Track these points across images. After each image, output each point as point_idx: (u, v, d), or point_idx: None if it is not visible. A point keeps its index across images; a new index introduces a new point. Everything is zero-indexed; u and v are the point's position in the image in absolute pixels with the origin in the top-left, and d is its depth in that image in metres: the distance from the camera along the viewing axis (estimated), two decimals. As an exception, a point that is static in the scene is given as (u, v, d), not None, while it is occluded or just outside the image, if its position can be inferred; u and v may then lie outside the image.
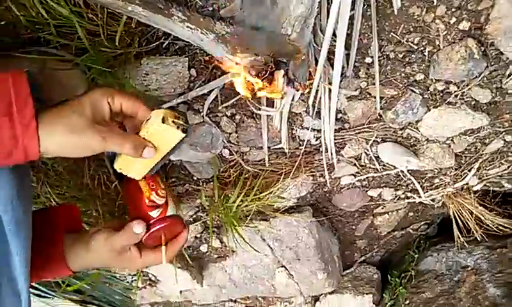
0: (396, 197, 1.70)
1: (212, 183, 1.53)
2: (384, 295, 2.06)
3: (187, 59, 1.22)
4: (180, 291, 1.99)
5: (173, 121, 0.78)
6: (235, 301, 2.11)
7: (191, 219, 1.68)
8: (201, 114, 1.34)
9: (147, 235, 0.85)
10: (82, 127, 0.69)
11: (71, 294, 1.85)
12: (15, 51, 1.12)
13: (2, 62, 1.10)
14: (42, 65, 1.12)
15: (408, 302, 1.97)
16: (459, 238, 1.85)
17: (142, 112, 0.79)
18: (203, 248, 1.81)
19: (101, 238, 0.86)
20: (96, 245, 0.86)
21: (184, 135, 0.79)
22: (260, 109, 1.31)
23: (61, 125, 0.67)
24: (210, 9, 1.13)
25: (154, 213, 0.85)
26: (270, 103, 1.31)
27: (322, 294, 2.05)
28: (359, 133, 1.41)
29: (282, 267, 1.85)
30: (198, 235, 1.76)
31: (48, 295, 1.78)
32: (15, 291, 0.73)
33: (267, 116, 1.35)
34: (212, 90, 1.27)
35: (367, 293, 2.02)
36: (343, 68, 1.20)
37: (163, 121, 0.76)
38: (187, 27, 1.08)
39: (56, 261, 0.88)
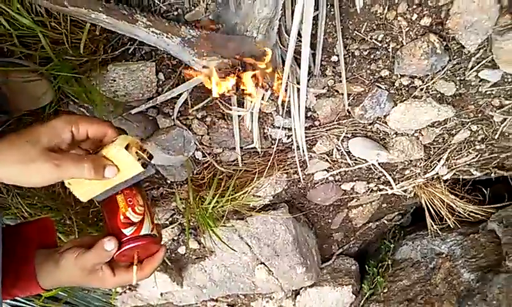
0: (369, 189, 1.72)
1: (186, 185, 1.53)
2: (363, 285, 2.09)
3: (154, 63, 1.21)
4: (161, 294, 1.99)
5: (137, 153, 0.74)
6: (216, 300, 2.11)
7: (167, 222, 1.68)
8: (172, 118, 1.33)
9: (118, 253, 0.80)
10: (33, 156, 0.66)
11: (49, 302, 1.83)
12: (-23, 63, 1.10)
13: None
14: (6, 76, 1.10)
15: (386, 290, 2.01)
16: (432, 226, 1.89)
17: (110, 134, 0.76)
18: (181, 250, 1.81)
19: (71, 256, 0.82)
20: (67, 264, 0.83)
21: (142, 169, 0.75)
22: (231, 110, 1.31)
23: (12, 155, 0.66)
24: (175, 13, 1.13)
25: (127, 231, 0.80)
26: (240, 104, 1.31)
27: (302, 288, 2.07)
28: (329, 129, 1.43)
29: (261, 263, 1.86)
30: (176, 237, 1.76)
31: (25, 304, 1.76)
32: None
33: (239, 116, 1.36)
34: (182, 93, 1.27)
35: (346, 285, 2.05)
36: (310, 67, 1.21)
37: (127, 147, 0.73)
38: (152, 32, 1.08)
39: (26, 279, 0.85)
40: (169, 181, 1.54)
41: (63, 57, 1.12)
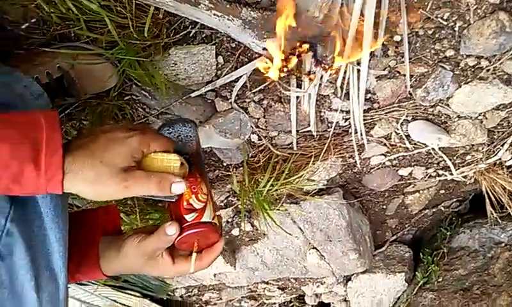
0: (427, 175, 1.68)
1: (242, 168, 1.55)
2: (416, 273, 2.05)
3: (214, 46, 1.23)
4: (214, 275, 2.03)
5: (183, 174, 0.76)
6: (267, 283, 2.14)
7: (222, 204, 1.71)
8: (229, 101, 1.35)
9: (179, 238, 0.80)
10: (106, 180, 0.66)
11: (107, 280, 1.91)
12: (46, 47, 1.15)
13: (34, 58, 1.13)
14: (73, 60, 1.14)
15: (440, 279, 1.97)
16: (492, 214, 1.83)
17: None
18: (235, 232, 1.84)
19: (133, 241, 0.84)
20: (128, 249, 0.84)
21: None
22: (289, 91, 1.31)
23: (83, 174, 0.65)
24: (236, -5, 1.14)
25: (189, 217, 0.81)
26: (298, 86, 1.31)
27: (354, 274, 2.06)
28: (389, 112, 1.40)
29: (313, 248, 1.86)
30: (230, 219, 1.79)
31: (85, 282, 1.84)
32: (52, 277, 0.74)
33: (297, 98, 1.35)
34: (240, 77, 1.28)
35: (399, 272, 2.02)
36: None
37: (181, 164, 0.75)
38: (214, 14, 1.09)
39: (90, 264, 0.88)
40: (225, 164, 1.56)
41: (128, 41, 1.15)
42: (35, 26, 1.14)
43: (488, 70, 1.24)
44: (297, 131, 1.45)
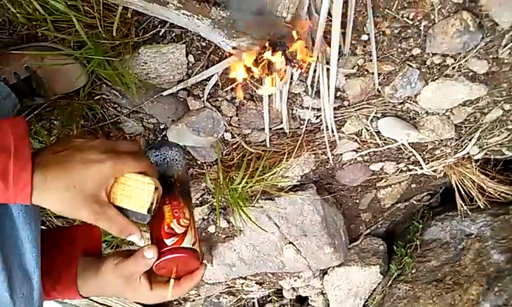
0: (398, 170, 1.72)
1: (216, 166, 1.55)
2: (390, 265, 2.09)
3: (184, 45, 1.23)
4: (191, 272, 2.03)
5: (155, 199, 0.74)
6: (245, 278, 2.15)
7: (198, 202, 1.71)
8: (202, 100, 1.35)
9: (158, 263, 0.78)
10: (77, 204, 0.66)
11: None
12: (13, 48, 1.14)
13: (0, 59, 1.12)
14: (41, 60, 1.13)
15: (414, 270, 2.00)
16: (462, 206, 1.87)
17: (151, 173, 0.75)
18: (211, 229, 1.84)
19: (111, 263, 0.82)
20: (106, 271, 0.83)
21: (145, 213, 0.73)
22: (261, 89, 1.32)
23: (55, 196, 0.65)
24: (205, -5, 1.14)
25: (169, 242, 0.79)
26: (269, 84, 1.32)
27: (330, 267, 2.09)
28: (359, 109, 1.42)
29: (289, 243, 1.88)
30: (206, 217, 1.80)
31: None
32: (26, 278, 0.73)
33: (269, 96, 1.36)
34: (212, 76, 1.28)
35: (373, 265, 2.06)
36: (340, 46, 1.20)
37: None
38: (183, 14, 1.08)
39: (67, 283, 0.86)
40: (199, 162, 1.57)
41: (96, 41, 1.14)
42: (1, 27, 1.13)
43: (453, 68, 1.27)
44: (270, 129, 1.47)
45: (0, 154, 0.60)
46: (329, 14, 1.11)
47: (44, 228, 0.82)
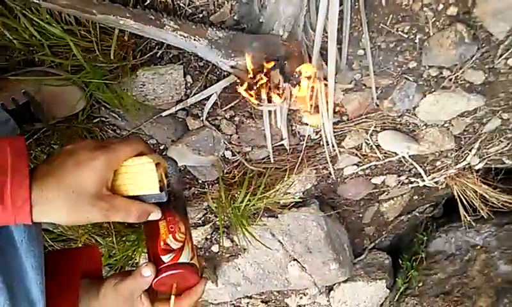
0: (400, 182, 1.71)
1: (217, 185, 1.55)
2: (397, 279, 2.07)
3: (182, 66, 1.24)
4: (196, 293, 2.02)
5: (162, 175, 0.73)
6: (250, 297, 2.13)
7: (200, 221, 1.71)
8: (201, 119, 1.36)
9: (156, 280, 0.77)
10: (81, 208, 0.65)
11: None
12: (10, 74, 1.15)
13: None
14: (39, 85, 1.14)
15: (421, 284, 1.99)
16: (465, 217, 1.86)
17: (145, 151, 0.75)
18: (215, 248, 1.84)
19: (111, 283, 0.82)
20: (106, 291, 0.82)
21: (158, 192, 0.72)
22: (261, 106, 1.32)
23: (59, 205, 0.63)
24: (201, 16, 1.15)
25: (166, 258, 0.78)
26: (269, 102, 1.32)
27: (335, 283, 2.07)
28: (358, 124, 1.42)
29: (294, 260, 1.87)
30: (209, 236, 1.79)
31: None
32: (30, 303, 0.72)
33: (269, 112, 1.36)
34: (211, 95, 1.29)
35: (379, 279, 2.04)
36: (336, 62, 1.21)
37: (156, 166, 0.72)
38: (180, 35, 1.10)
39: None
40: (200, 181, 1.57)
41: (94, 64, 1.15)
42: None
43: (450, 79, 1.27)
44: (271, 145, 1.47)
45: None
46: (325, 30, 1.11)
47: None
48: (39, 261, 0.73)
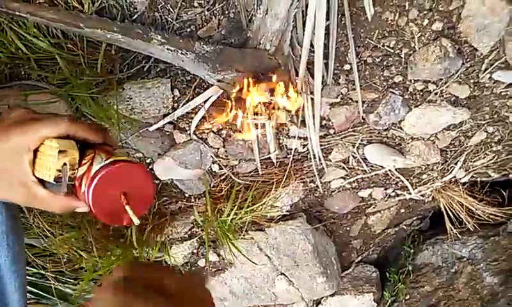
0: (386, 195, 1.72)
1: (204, 198, 1.54)
2: (384, 292, 2.07)
3: (169, 80, 1.23)
4: (182, 308, 1.99)
5: (64, 165, 0.64)
6: (237, 312, 2.11)
7: (186, 236, 1.69)
8: (188, 132, 1.35)
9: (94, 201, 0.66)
10: (2, 185, 0.65)
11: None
12: (-5, 87, 1.13)
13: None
14: (25, 99, 1.13)
15: (408, 297, 1.99)
16: (451, 230, 1.87)
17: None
18: (201, 263, 1.82)
19: None
20: None
21: (50, 180, 0.65)
22: (247, 120, 1.32)
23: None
24: (188, 30, 1.15)
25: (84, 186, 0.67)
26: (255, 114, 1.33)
27: (323, 297, 2.06)
28: (344, 137, 1.43)
29: (281, 274, 1.86)
30: (195, 251, 1.77)
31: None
32: None
33: (256, 126, 1.36)
34: (199, 109, 1.28)
35: (367, 292, 2.04)
36: (323, 76, 1.22)
37: (63, 152, 0.64)
38: (167, 49, 1.10)
39: None
40: (187, 195, 1.55)
41: (81, 78, 1.14)
42: (-17, 66, 1.13)
43: (435, 93, 1.29)
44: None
45: None
46: (312, 45, 1.12)
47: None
48: (21, 279, 0.73)
